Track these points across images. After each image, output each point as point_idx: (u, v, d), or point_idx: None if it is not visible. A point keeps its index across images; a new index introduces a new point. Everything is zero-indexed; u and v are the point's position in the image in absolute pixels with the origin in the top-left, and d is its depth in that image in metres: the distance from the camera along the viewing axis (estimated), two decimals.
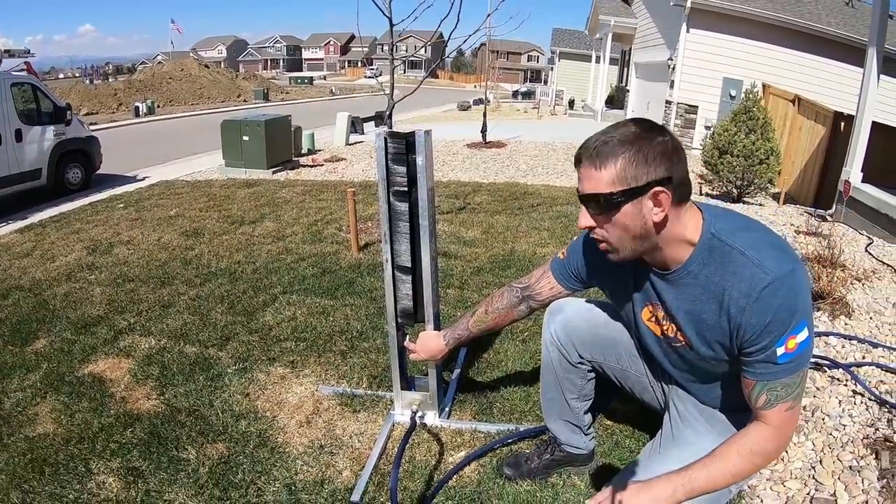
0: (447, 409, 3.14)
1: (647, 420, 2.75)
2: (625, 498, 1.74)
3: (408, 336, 3.00)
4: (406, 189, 2.65)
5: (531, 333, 3.91)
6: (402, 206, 2.68)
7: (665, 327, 1.97)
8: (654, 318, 2.01)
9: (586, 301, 2.44)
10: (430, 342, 2.77)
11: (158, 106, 33.29)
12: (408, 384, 3.08)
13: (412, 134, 2.55)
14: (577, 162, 1.77)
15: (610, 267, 2.02)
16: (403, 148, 2.58)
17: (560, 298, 2.43)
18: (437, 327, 2.91)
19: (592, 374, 2.48)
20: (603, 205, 1.73)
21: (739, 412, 1.92)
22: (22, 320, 4.47)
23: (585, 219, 1.81)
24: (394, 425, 3.03)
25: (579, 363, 2.41)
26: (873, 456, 2.71)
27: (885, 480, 2.53)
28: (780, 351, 1.67)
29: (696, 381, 2.09)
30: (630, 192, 1.68)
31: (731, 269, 1.71)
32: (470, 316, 2.63)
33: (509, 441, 2.85)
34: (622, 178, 1.67)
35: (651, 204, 1.69)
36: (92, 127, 14.64)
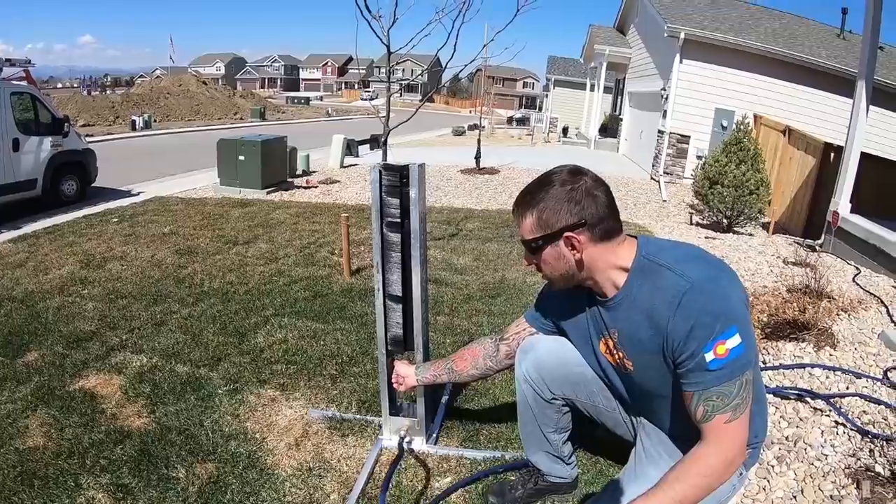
0: (435, 435, 3.17)
1: (630, 448, 2.78)
2: None
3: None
4: (399, 220, 2.70)
5: None
6: (395, 237, 2.73)
7: (617, 356, 2.06)
8: (608, 350, 2.09)
9: (557, 340, 2.45)
10: (406, 378, 2.85)
11: (155, 120, 33.31)
12: (396, 410, 3.11)
13: (406, 167, 2.61)
14: (512, 211, 2.00)
15: (566, 306, 2.20)
16: (397, 180, 2.63)
17: (530, 338, 2.49)
18: (426, 355, 2.96)
19: (567, 409, 2.52)
20: (528, 249, 1.97)
21: None
22: (14, 332, 4.49)
23: (526, 257, 2.03)
24: (381, 450, 3.05)
25: (553, 399, 2.45)
26: (854, 486, 2.74)
27: None
28: (710, 357, 1.71)
29: (655, 410, 2.13)
30: (545, 238, 1.89)
31: (657, 284, 1.81)
32: (441, 361, 2.79)
33: (496, 471, 2.87)
34: (538, 226, 1.90)
35: (567, 246, 1.88)
36: (88, 139, 14.61)
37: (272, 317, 4.81)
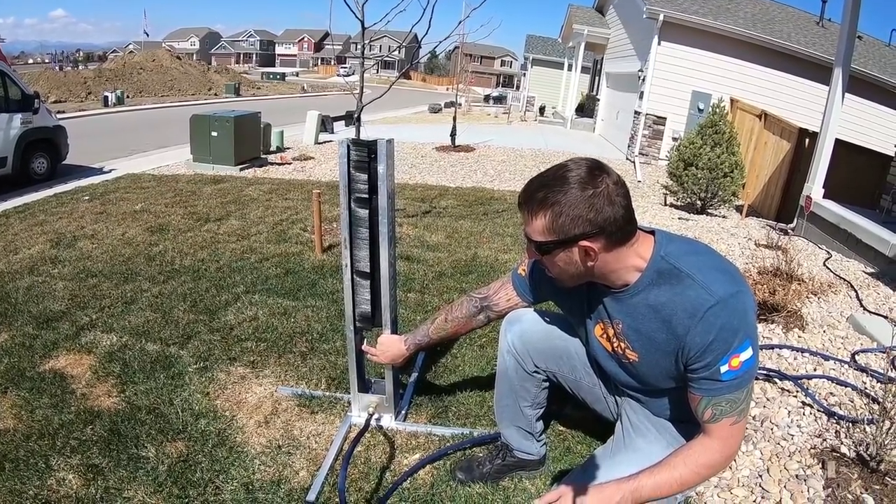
0: (404, 411, 3.18)
1: (599, 427, 2.80)
2: (574, 498, 1.80)
3: (366, 340, 3.04)
4: (367, 196, 2.69)
5: (489, 339, 3.97)
6: (363, 213, 2.71)
7: (615, 344, 2.04)
8: (605, 335, 2.07)
9: (543, 313, 2.50)
10: (391, 346, 2.81)
11: (128, 96, 32.90)
12: (365, 387, 3.11)
13: (374, 142, 2.59)
14: (519, 204, 1.85)
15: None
16: (366, 156, 2.61)
17: (517, 309, 2.50)
18: (395, 332, 2.96)
19: (547, 384, 2.54)
20: (537, 250, 1.83)
21: (688, 423, 1.98)
22: None
23: (530, 252, 1.90)
24: (350, 427, 3.06)
25: (535, 372, 2.47)
26: (820, 465, 2.79)
27: (830, 489, 2.61)
28: (724, 368, 1.73)
29: (646, 395, 2.15)
30: (558, 243, 1.77)
31: (677, 291, 1.78)
32: (430, 323, 2.69)
33: (464, 446, 2.89)
34: (551, 230, 1.75)
35: (581, 253, 1.78)
36: (59, 115, 14.43)
37: (243, 294, 4.79)
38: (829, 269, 6.35)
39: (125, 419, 3.07)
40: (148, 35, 75.20)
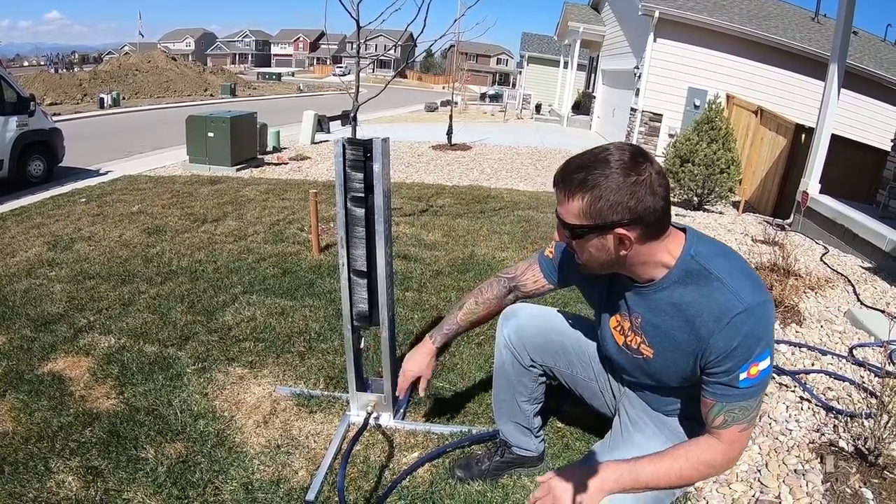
0: (402, 410, 3.18)
1: (597, 423, 2.80)
2: (571, 479, 1.79)
3: (363, 339, 3.04)
4: (363, 195, 2.69)
5: (486, 337, 3.96)
6: (359, 212, 2.72)
7: (629, 338, 2.02)
8: (619, 328, 2.06)
9: (540, 308, 2.50)
10: (413, 355, 2.61)
11: (124, 98, 32.82)
12: (364, 386, 3.11)
13: (370, 141, 2.59)
14: (555, 183, 1.78)
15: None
16: (361, 154, 2.62)
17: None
18: (392, 331, 2.96)
19: (544, 378, 2.54)
20: (570, 233, 1.77)
21: (689, 420, 1.98)
22: None
23: (561, 234, 1.84)
24: (349, 426, 3.06)
25: (531, 367, 2.47)
26: (818, 460, 2.79)
27: (829, 484, 2.61)
28: (743, 376, 1.72)
29: (653, 391, 2.14)
30: (594, 228, 1.71)
31: (705, 293, 1.75)
32: (457, 310, 2.55)
33: (463, 444, 2.89)
34: (587, 213, 1.69)
35: (615, 241, 1.73)
36: (55, 118, 14.37)
37: (241, 294, 4.78)
38: (826, 264, 6.35)
39: (124, 421, 3.06)
40: (143, 36, 74.83)
